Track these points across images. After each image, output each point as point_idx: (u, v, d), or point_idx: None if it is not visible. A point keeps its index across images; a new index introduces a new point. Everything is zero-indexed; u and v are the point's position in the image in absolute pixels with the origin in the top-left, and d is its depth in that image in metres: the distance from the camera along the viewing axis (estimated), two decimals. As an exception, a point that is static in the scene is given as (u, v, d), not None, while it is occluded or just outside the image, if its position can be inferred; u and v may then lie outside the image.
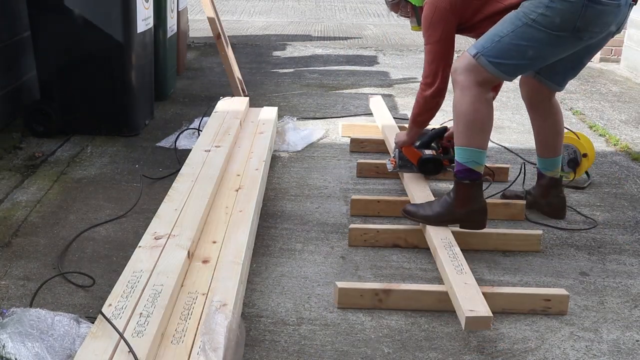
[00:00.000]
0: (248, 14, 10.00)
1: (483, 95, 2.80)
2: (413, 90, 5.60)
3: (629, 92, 5.90)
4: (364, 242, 2.97)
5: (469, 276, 2.48)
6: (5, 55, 4.24)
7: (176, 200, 2.88)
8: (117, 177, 3.65)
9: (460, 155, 2.86)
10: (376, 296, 2.50)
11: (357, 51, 7.33)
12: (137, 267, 2.33)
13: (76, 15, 3.96)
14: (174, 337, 2.02)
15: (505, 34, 2.72)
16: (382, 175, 3.73)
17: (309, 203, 3.41)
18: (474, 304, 2.29)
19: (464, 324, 2.25)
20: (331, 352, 2.27)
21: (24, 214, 3.16)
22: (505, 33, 2.73)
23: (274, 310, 2.49)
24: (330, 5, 11.13)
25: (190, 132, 4.25)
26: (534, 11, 2.66)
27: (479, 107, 2.79)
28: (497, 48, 2.73)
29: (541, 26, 2.66)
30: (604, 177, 3.87)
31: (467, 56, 2.80)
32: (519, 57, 2.73)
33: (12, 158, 3.85)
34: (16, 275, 2.65)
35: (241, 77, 5.42)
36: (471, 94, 2.78)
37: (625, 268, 2.89)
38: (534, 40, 2.69)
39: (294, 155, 4.06)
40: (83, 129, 4.22)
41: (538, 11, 2.65)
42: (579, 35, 2.70)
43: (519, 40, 2.70)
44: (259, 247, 2.93)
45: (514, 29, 2.71)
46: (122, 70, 4.12)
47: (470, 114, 2.79)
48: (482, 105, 2.79)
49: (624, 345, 2.36)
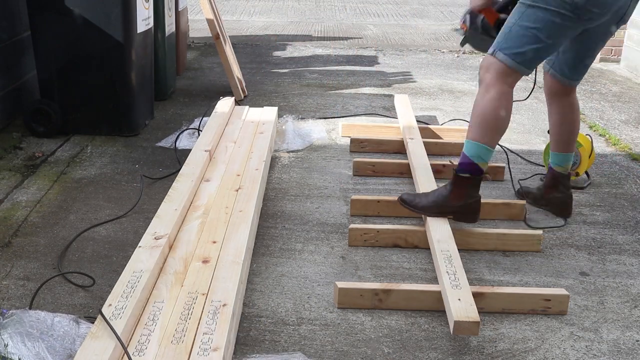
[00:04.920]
0: (248, 14, 9.99)
1: (505, 95, 2.88)
2: (413, 90, 5.61)
3: (629, 92, 5.90)
4: (364, 242, 2.97)
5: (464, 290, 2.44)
6: (5, 55, 4.24)
7: (176, 200, 2.88)
8: (117, 177, 3.65)
9: (469, 148, 2.91)
10: (376, 296, 2.50)
11: (357, 51, 7.33)
12: (137, 267, 2.33)
13: (76, 15, 3.96)
14: (174, 337, 2.03)
15: (514, 23, 2.83)
16: (379, 174, 3.74)
17: (309, 203, 3.41)
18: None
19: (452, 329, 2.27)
20: (331, 352, 2.27)
21: (24, 214, 3.16)
22: (513, 22, 2.84)
23: (274, 310, 2.49)
24: (330, 5, 11.13)
25: (190, 132, 4.25)
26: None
27: (499, 106, 2.86)
28: (509, 38, 2.84)
29: (542, 3, 2.74)
30: (604, 177, 3.87)
31: (488, 57, 2.90)
32: (532, 42, 2.81)
33: (12, 158, 3.85)
34: (16, 275, 2.65)
35: (241, 77, 5.43)
36: (494, 91, 2.86)
37: (625, 268, 2.89)
38: (539, 20, 2.77)
39: (294, 155, 4.06)
40: (83, 129, 4.22)
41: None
42: (578, 14, 2.74)
43: (526, 23, 2.80)
44: (259, 247, 2.93)
45: (520, 15, 2.82)
46: (122, 70, 4.12)
47: (489, 112, 2.86)
48: (502, 105, 2.86)
49: (624, 345, 2.36)
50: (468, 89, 5.75)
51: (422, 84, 5.87)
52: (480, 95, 2.90)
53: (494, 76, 2.86)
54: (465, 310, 2.29)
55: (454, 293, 2.39)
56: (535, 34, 2.80)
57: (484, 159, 2.90)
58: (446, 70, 6.49)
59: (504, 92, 2.86)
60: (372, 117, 4.86)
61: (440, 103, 5.27)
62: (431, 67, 6.59)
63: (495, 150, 2.94)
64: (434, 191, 3.03)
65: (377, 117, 4.86)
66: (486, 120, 2.86)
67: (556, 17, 2.76)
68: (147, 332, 2.06)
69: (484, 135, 2.86)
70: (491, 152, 2.91)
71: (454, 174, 2.95)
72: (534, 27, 2.79)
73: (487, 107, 2.85)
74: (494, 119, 2.86)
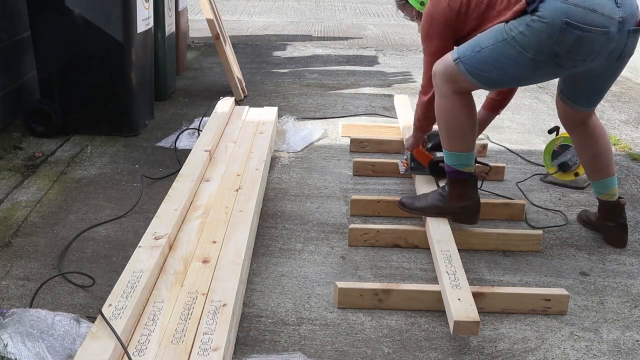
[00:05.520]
0: (248, 14, 9.99)
1: (461, 102, 2.76)
2: (413, 90, 5.61)
3: (629, 92, 5.89)
4: (364, 242, 2.97)
5: (464, 290, 2.44)
6: (5, 55, 4.24)
7: (176, 200, 2.88)
8: (117, 177, 3.65)
9: (448, 158, 2.88)
10: (376, 296, 2.50)
11: (357, 51, 7.33)
12: (137, 267, 2.33)
13: (76, 15, 3.97)
14: (174, 337, 2.03)
15: (486, 46, 2.62)
16: (379, 174, 3.74)
17: (309, 203, 3.41)
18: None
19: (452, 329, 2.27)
20: (331, 352, 2.27)
21: (24, 214, 3.16)
22: (485, 45, 2.62)
23: (274, 310, 2.49)
24: (330, 5, 11.12)
25: (190, 132, 4.25)
26: (516, 28, 2.52)
27: (457, 115, 2.77)
28: (476, 58, 2.64)
29: (519, 46, 2.52)
30: (604, 177, 3.86)
31: (448, 59, 2.73)
32: (497, 72, 2.63)
33: (12, 158, 3.85)
34: (16, 275, 2.65)
35: (241, 77, 5.43)
36: (449, 102, 2.76)
37: (625, 268, 2.89)
38: (511, 58, 2.56)
39: (294, 155, 4.06)
40: (83, 129, 4.22)
41: (519, 29, 2.51)
42: (558, 62, 2.52)
43: (497, 55, 2.59)
44: (259, 247, 2.93)
45: (494, 43, 2.59)
46: (122, 70, 4.12)
47: (450, 122, 2.79)
48: (460, 113, 2.77)
49: (624, 345, 2.36)
50: (468, 89, 5.74)
51: (422, 84, 5.87)
52: (437, 104, 2.81)
53: (450, 88, 2.73)
54: (465, 310, 2.29)
55: (454, 293, 2.39)
56: (504, 67, 2.60)
57: (466, 163, 2.86)
58: (446, 70, 6.48)
59: (460, 100, 2.75)
60: (372, 117, 4.86)
61: (440, 103, 5.26)
62: (431, 67, 6.58)
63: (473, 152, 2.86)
64: (433, 192, 3.02)
65: (377, 117, 4.86)
66: (451, 129, 2.80)
67: (530, 62, 2.55)
68: (147, 332, 2.06)
69: (455, 144, 2.82)
70: (469, 155, 2.84)
71: (448, 176, 2.94)
72: (505, 62, 2.58)
73: (447, 118, 2.78)
74: (458, 127, 2.78)
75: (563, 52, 2.49)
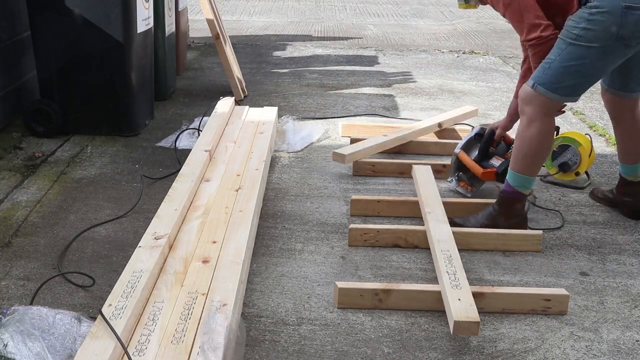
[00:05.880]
0: (248, 14, 9.99)
1: (548, 127, 2.90)
2: (413, 90, 5.61)
3: None
4: (364, 242, 2.97)
5: (464, 291, 2.44)
6: (5, 55, 4.24)
7: (176, 200, 2.88)
8: (117, 177, 3.65)
9: (513, 179, 2.99)
10: (376, 296, 2.50)
11: (357, 51, 7.33)
12: (137, 267, 2.33)
13: (76, 15, 3.96)
14: (174, 337, 2.03)
15: (554, 59, 2.78)
16: (379, 174, 3.74)
17: (309, 203, 3.41)
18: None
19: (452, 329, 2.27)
20: (331, 352, 2.27)
21: (24, 214, 3.16)
22: (553, 58, 2.79)
23: (274, 310, 2.49)
24: (330, 5, 11.12)
25: (190, 132, 4.25)
26: (576, 27, 2.71)
27: (542, 140, 2.90)
28: (549, 74, 2.79)
29: (586, 41, 2.70)
30: (604, 177, 3.86)
31: (527, 89, 2.87)
32: (574, 77, 2.78)
33: (12, 158, 3.85)
34: (16, 275, 2.65)
35: (241, 77, 5.43)
36: (537, 126, 2.87)
37: (625, 268, 2.89)
38: (583, 57, 2.73)
39: (294, 155, 4.06)
40: (83, 129, 4.22)
41: (580, 26, 2.70)
42: (626, 43, 2.72)
43: (568, 61, 2.75)
44: (259, 247, 2.93)
45: (560, 52, 2.77)
46: (122, 70, 4.12)
47: (533, 147, 2.90)
48: (545, 139, 2.91)
49: (624, 345, 2.36)
50: (468, 88, 5.75)
51: (422, 84, 5.87)
52: (522, 129, 2.92)
53: (536, 110, 2.86)
54: (465, 310, 2.29)
55: (454, 293, 2.39)
56: (578, 70, 2.77)
57: (528, 187, 3.01)
58: (446, 70, 6.49)
59: (547, 124, 2.89)
60: (372, 117, 4.86)
61: (440, 103, 5.27)
62: (431, 67, 6.59)
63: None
64: (484, 212, 3.10)
65: (377, 117, 4.86)
66: (531, 154, 2.92)
67: (600, 52, 2.73)
68: (147, 332, 2.06)
69: (528, 168, 2.96)
70: (534, 180, 3.01)
71: (500, 195, 3.06)
72: (578, 64, 2.75)
73: (532, 143, 2.90)
74: (539, 153, 2.93)
75: (628, 34, 2.68)
